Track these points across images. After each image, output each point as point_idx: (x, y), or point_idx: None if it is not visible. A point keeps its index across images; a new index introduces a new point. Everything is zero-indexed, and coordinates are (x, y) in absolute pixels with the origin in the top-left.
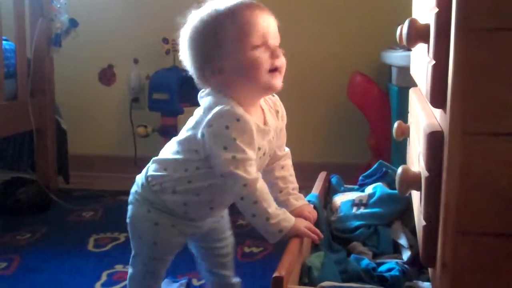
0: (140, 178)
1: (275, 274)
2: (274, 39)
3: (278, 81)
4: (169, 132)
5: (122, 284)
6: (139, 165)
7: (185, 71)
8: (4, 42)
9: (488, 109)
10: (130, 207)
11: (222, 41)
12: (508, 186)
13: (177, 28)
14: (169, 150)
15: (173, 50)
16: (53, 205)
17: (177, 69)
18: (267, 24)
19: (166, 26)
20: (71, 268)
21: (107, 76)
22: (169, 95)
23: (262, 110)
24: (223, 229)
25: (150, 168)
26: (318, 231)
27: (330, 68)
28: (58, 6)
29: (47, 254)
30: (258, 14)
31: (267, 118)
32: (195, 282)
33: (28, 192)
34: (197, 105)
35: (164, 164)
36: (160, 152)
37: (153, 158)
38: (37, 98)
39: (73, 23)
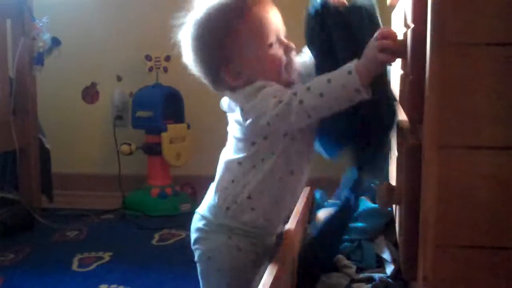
0: (205, 211)
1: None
2: (283, 31)
3: (294, 75)
4: (153, 149)
5: None
6: (124, 184)
7: (169, 88)
8: None
9: (464, 122)
10: (202, 244)
11: (235, 43)
12: (486, 199)
13: (159, 45)
14: (227, 168)
15: (156, 67)
16: (37, 225)
17: (161, 86)
18: (276, 17)
19: (148, 43)
20: None
21: (90, 94)
22: (153, 113)
23: None
24: None
25: (216, 196)
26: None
27: None
28: (40, 25)
29: (31, 274)
30: (267, 9)
31: None
32: None
33: (12, 212)
34: (181, 122)
35: (227, 178)
36: (216, 178)
37: (214, 187)
38: (19, 117)
39: (55, 41)
